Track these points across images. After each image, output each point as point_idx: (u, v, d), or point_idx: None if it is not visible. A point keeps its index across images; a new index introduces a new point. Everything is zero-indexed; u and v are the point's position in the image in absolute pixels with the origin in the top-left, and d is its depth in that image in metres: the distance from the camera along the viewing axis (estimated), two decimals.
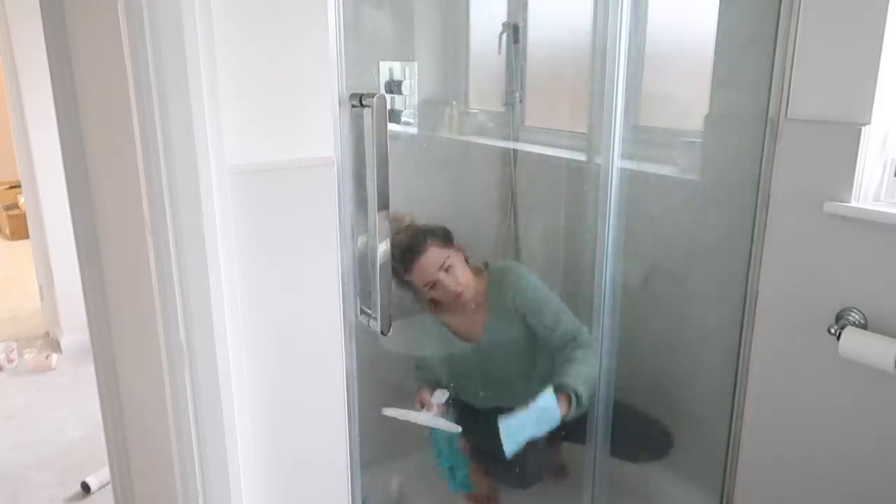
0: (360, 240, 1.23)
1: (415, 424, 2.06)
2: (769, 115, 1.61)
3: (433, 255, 1.77)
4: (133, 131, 1.03)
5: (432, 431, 2.00)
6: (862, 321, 1.51)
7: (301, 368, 1.17)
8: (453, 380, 1.97)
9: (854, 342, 1.47)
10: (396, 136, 2.12)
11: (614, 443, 1.85)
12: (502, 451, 1.65)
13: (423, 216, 1.96)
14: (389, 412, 1.76)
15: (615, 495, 1.95)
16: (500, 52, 2.33)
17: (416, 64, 2.13)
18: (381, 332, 1.25)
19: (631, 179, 1.68)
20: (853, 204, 1.48)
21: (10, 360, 3.39)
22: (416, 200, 2.07)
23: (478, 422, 1.90)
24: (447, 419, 1.84)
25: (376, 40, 2.06)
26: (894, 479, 1.52)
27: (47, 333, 3.79)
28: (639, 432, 1.93)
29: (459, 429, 1.82)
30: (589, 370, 1.77)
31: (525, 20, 2.31)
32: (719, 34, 1.77)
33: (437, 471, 2.08)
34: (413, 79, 2.10)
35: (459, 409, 1.95)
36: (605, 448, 1.83)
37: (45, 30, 1.57)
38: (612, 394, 1.81)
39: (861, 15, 1.42)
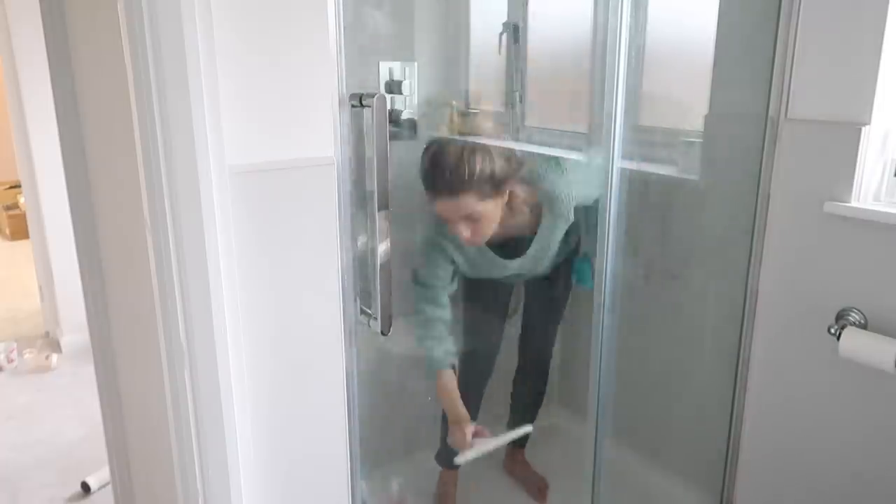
0: (360, 240, 1.23)
1: (414, 425, 2.07)
2: (769, 115, 1.61)
3: (460, 204, 1.55)
4: (133, 131, 1.03)
5: None
6: (862, 321, 1.51)
7: (301, 368, 1.17)
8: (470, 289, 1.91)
9: (854, 342, 1.47)
10: (396, 135, 2.12)
11: None
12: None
13: (423, 215, 1.95)
14: (462, 459, 1.68)
15: (616, 495, 1.94)
16: (500, 52, 2.33)
17: (416, 64, 2.13)
18: (382, 333, 1.25)
19: (631, 179, 1.68)
20: (853, 204, 1.48)
21: (10, 360, 3.39)
22: (416, 200, 2.07)
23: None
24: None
25: (376, 40, 2.06)
26: (894, 479, 1.52)
27: (47, 333, 3.79)
28: None
29: (530, 429, 1.88)
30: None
31: (525, 20, 2.31)
32: (719, 34, 1.76)
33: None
34: (413, 79, 2.10)
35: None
36: (605, 448, 1.83)
37: (45, 30, 1.57)
38: (612, 393, 1.80)
39: (861, 15, 1.42)
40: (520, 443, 2.22)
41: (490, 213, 1.60)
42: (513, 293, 2.08)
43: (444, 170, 1.55)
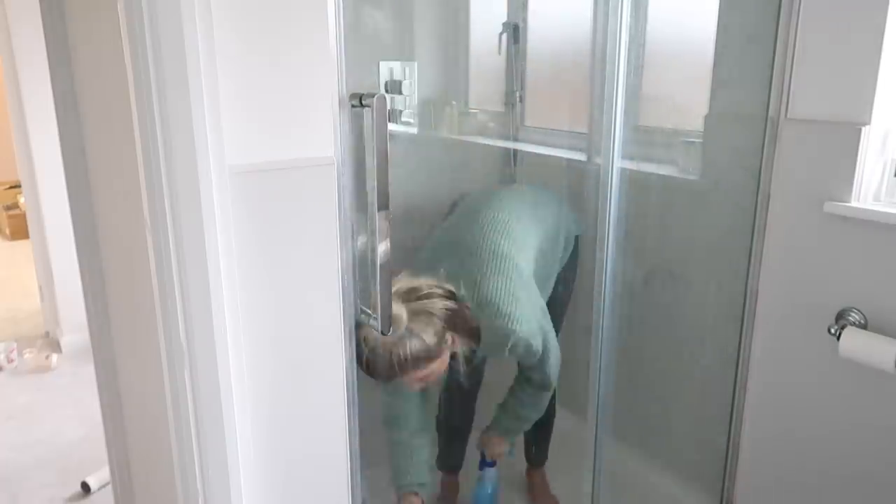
0: (360, 240, 1.23)
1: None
2: (769, 115, 1.62)
3: (407, 380, 1.50)
4: (133, 131, 1.03)
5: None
6: (862, 321, 1.51)
7: (301, 368, 1.17)
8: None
9: (854, 342, 1.47)
10: (396, 135, 2.12)
11: None
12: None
13: (424, 217, 1.95)
14: None
15: (616, 495, 1.95)
16: (500, 53, 2.33)
17: (416, 64, 2.13)
18: (382, 332, 1.25)
19: (631, 179, 1.69)
20: (853, 204, 1.48)
21: (10, 360, 3.39)
22: (417, 201, 2.07)
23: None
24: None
25: (376, 40, 2.06)
26: (894, 480, 1.52)
27: (47, 333, 3.79)
28: None
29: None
30: (523, 411, 1.83)
31: (525, 20, 2.32)
32: (719, 34, 1.77)
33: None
34: (413, 79, 2.10)
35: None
36: (605, 448, 1.84)
37: (45, 30, 1.57)
38: (612, 393, 1.81)
39: (861, 15, 1.42)
40: (535, 462, 2.16)
41: (437, 369, 1.51)
42: None
43: (382, 371, 1.45)
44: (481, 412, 2.06)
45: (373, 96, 1.12)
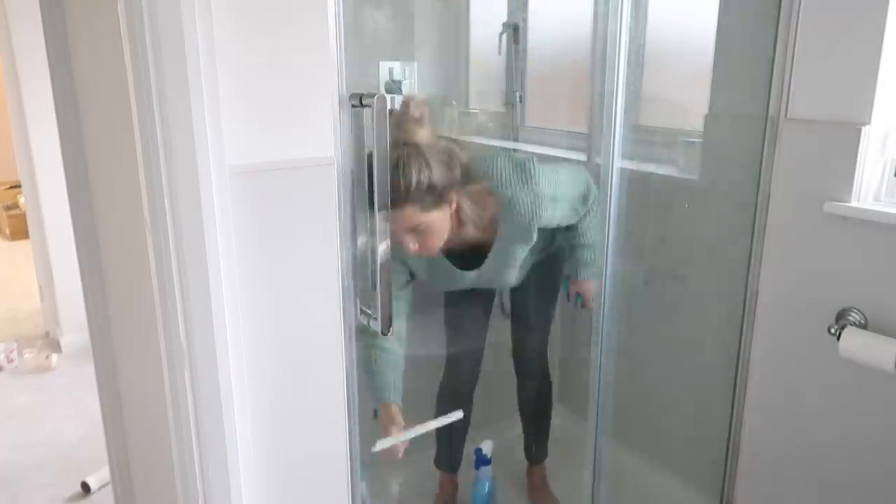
0: (360, 240, 1.23)
1: (414, 425, 2.05)
2: (769, 115, 1.62)
3: (403, 216, 1.41)
4: (133, 131, 1.03)
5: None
6: (862, 321, 1.51)
7: (301, 368, 1.17)
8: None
9: (854, 342, 1.47)
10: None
11: None
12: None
13: None
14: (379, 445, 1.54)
15: (616, 495, 1.95)
16: (500, 53, 2.33)
17: (416, 64, 2.13)
18: (382, 333, 1.25)
19: (631, 179, 1.68)
20: (853, 204, 1.48)
21: (10, 360, 3.39)
22: None
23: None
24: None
25: (376, 40, 2.06)
26: (894, 479, 1.52)
27: (47, 333, 3.79)
28: None
29: (461, 414, 1.67)
30: (593, 243, 1.75)
31: (525, 20, 2.32)
32: (719, 34, 1.77)
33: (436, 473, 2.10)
34: (413, 79, 2.10)
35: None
36: (605, 448, 1.83)
37: (45, 30, 1.57)
38: (611, 396, 1.80)
39: (861, 15, 1.42)
40: (535, 459, 2.16)
41: (436, 224, 1.46)
42: (495, 295, 2.04)
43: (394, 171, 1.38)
44: (478, 415, 2.06)
45: (373, 96, 1.12)
